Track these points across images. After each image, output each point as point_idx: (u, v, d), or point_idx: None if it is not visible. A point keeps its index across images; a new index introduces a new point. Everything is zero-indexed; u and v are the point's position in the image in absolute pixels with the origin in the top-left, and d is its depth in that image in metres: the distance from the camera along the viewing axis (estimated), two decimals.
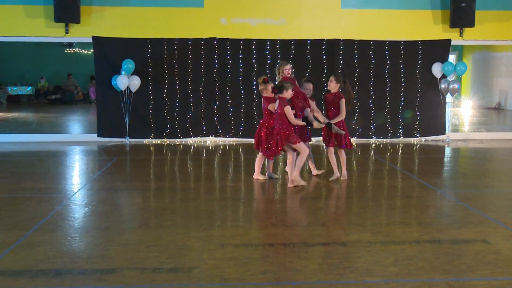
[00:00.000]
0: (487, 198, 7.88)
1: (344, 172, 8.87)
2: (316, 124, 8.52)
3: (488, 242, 5.70)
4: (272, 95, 8.24)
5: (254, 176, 8.78)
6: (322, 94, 13.49)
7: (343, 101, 8.62)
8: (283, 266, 5.03)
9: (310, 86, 9.00)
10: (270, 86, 8.27)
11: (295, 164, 8.21)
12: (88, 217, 6.77)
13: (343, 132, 8.61)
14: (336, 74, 9.77)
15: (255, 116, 13.22)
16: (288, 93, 8.12)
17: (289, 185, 8.19)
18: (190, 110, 13.31)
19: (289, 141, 8.11)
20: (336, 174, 8.80)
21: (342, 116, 8.66)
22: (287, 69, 8.71)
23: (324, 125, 8.60)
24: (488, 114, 21.72)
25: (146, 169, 10.20)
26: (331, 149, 8.81)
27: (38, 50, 26.63)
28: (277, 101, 8.16)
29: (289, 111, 8.09)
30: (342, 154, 8.81)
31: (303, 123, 8.40)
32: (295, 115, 8.26)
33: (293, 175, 8.19)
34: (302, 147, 8.15)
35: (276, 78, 8.81)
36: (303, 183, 8.26)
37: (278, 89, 8.14)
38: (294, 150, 8.28)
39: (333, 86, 8.72)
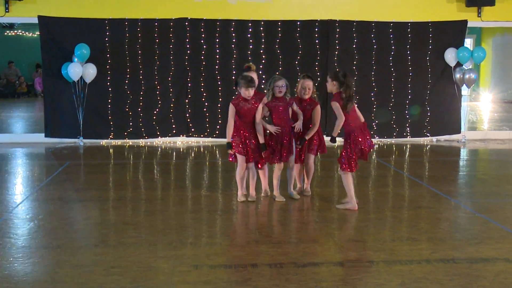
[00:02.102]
0: (511, 209, 7.97)
1: (307, 185, 8.48)
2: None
3: (511, 261, 5.77)
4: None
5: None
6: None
7: (318, 109, 8.28)
8: None
9: (308, 83, 8.25)
10: (255, 74, 8.24)
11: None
12: (34, 233, 6.72)
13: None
14: (332, 72, 8.73)
15: None
16: (242, 93, 7.80)
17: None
18: (157, 105, 13.28)
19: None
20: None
21: (315, 128, 8.27)
22: (278, 86, 7.95)
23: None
24: (511, 109, 21.94)
25: (104, 175, 10.16)
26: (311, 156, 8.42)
27: None
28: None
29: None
30: (310, 162, 8.37)
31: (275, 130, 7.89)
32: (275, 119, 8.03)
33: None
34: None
35: (266, 96, 8.13)
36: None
37: (236, 84, 8.04)
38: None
39: (329, 87, 7.91)
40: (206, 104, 13.40)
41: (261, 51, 13.40)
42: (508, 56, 25.13)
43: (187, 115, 13.41)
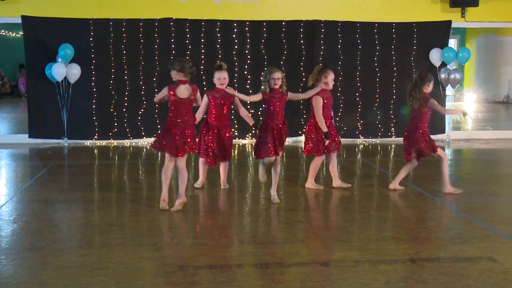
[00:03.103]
0: (494, 208, 8.02)
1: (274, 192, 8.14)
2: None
3: (495, 260, 5.80)
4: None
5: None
6: (301, 86, 13.62)
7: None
8: None
9: (278, 74, 7.90)
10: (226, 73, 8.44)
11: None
12: (18, 235, 6.68)
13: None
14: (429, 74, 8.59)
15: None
16: (173, 75, 7.83)
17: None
18: (142, 105, 13.24)
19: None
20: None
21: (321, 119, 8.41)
22: (274, 79, 7.88)
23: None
24: (495, 109, 22.09)
25: (89, 176, 10.12)
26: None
27: None
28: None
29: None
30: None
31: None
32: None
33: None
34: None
35: (262, 87, 8.12)
36: None
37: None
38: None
39: (425, 88, 8.28)
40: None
41: (246, 51, 13.41)
42: (492, 56, 25.30)
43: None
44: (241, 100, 8.46)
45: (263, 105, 8.08)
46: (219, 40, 13.34)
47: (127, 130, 13.31)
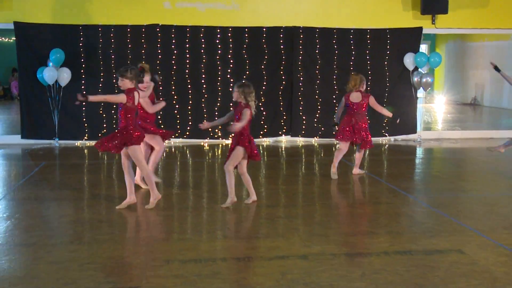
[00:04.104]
0: (463, 204, 8.09)
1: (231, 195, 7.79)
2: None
3: (464, 252, 5.85)
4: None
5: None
6: (281, 89, 13.62)
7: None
8: (237, 283, 5.05)
9: (234, 88, 7.59)
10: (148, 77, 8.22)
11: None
12: (11, 231, 6.63)
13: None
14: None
15: (204, 114, 13.21)
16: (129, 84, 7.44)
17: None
18: None
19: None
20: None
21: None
22: (232, 91, 7.68)
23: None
24: (463, 110, 22.25)
25: (79, 175, 10.06)
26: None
27: None
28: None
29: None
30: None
31: None
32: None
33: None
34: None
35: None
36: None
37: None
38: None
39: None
40: (177, 106, 13.33)
41: (229, 56, 13.39)
42: (460, 60, 25.52)
43: (159, 116, 13.28)
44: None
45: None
46: (203, 46, 13.31)
47: (116, 131, 13.20)
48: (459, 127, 16.37)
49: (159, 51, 13.22)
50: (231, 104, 13.41)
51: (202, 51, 13.33)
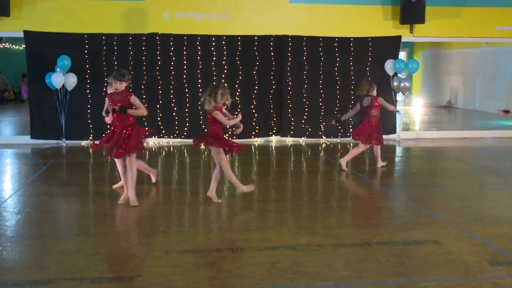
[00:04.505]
0: (438, 198, 8.12)
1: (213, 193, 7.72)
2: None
3: (439, 243, 5.88)
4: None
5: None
6: (271, 93, 13.62)
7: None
8: (231, 272, 5.05)
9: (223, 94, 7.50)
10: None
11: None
12: (21, 225, 6.61)
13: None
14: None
15: (201, 116, 13.19)
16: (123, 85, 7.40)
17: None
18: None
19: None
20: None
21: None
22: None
23: None
24: (439, 112, 22.31)
25: (84, 173, 10.03)
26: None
27: None
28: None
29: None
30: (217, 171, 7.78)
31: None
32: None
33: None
34: None
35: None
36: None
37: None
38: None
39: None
40: (175, 108, 13.32)
41: (223, 62, 13.38)
42: (436, 66, 25.61)
43: (158, 118, 13.30)
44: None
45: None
46: (199, 53, 13.30)
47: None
48: (435, 127, 16.40)
49: (159, 57, 13.18)
50: (225, 107, 13.46)
51: (198, 57, 13.31)
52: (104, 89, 12.88)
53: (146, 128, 8.20)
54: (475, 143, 13.86)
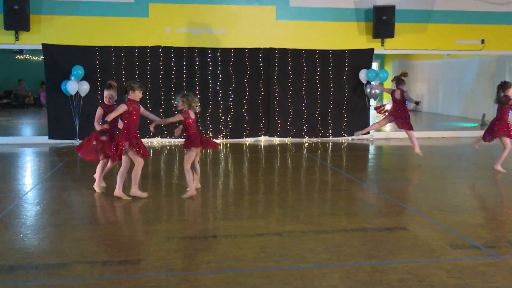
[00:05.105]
0: (406, 190, 8.15)
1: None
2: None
3: (407, 229, 5.90)
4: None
5: None
6: (261, 98, 13.61)
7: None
8: (225, 256, 5.04)
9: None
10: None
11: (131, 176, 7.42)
12: (40, 215, 6.57)
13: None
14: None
15: (199, 119, 13.17)
16: (136, 95, 7.31)
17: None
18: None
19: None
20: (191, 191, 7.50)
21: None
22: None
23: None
24: None
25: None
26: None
27: None
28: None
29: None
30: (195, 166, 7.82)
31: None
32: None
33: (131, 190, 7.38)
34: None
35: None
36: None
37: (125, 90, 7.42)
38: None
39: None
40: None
41: (218, 72, 13.36)
42: None
43: None
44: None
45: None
46: (197, 63, 13.27)
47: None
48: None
49: (161, 67, 13.15)
50: (220, 111, 13.46)
51: (196, 67, 13.29)
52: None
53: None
54: (438, 142, 13.93)
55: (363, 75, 13.80)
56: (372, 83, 13.94)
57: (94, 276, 4.54)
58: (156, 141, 13.35)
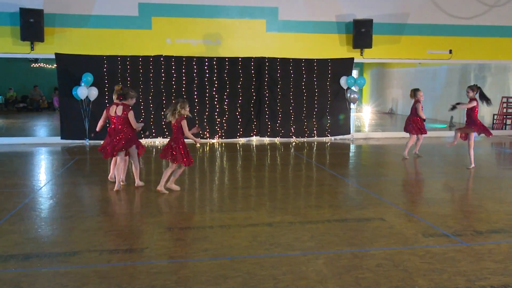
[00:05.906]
0: (383, 185, 8.16)
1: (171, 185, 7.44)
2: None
3: (384, 220, 5.91)
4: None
5: None
6: (252, 103, 13.60)
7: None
8: (221, 244, 5.02)
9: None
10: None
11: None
12: (53, 207, 6.52)
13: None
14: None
15: (196, 121, 13.14)
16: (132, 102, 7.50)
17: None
18: (141, 116, 13.06)
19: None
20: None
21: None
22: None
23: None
24: (383, 117, 22.48)
25: (104, 166, 9.91)
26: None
27: (7, 65, 25.32)
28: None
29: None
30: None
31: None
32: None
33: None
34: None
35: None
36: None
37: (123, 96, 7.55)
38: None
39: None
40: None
41: (214, 78, 13.33)
42: (381, 82, 25.80)
43: (162, 123, 13.21)
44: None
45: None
46: (195, 71, 13.23)
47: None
48: (380, 129, 16.53)
49: (163, 75, 13.09)
50: (216, 114, 13.43)
51: (194, 74, 13.25)
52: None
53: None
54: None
55: (343, 81, 13.83)
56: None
57: (102, 263, 4.50)
58: (158, 141, 13.29)
